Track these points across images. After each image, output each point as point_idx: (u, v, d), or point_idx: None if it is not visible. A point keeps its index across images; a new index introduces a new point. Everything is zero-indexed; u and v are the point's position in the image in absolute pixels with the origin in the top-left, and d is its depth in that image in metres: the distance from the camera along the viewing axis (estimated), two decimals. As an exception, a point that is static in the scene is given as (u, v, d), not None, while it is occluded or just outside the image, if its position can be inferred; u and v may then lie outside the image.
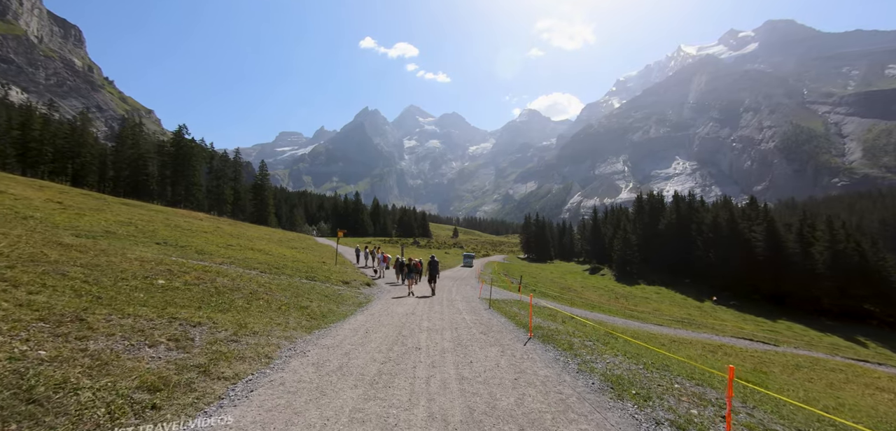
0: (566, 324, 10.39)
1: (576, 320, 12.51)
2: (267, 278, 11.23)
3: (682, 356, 10.34)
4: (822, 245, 44.81)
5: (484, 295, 16.40)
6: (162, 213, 31.28)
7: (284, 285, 10.69)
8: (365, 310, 9.73)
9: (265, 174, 79.99)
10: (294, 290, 10.18)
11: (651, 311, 32.56)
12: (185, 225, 26.01)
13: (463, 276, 28.28)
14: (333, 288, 13.05)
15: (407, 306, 11.09)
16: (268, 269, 13.58)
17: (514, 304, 13.81)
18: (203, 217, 41.74)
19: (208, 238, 20.72)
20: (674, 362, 6.81)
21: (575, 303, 24.33)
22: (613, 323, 18.76)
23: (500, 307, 12.46)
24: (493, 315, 10.73)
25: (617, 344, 7.77)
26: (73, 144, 58.53)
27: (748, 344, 20.41)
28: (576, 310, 20.45)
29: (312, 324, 6.95)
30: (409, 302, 12.45)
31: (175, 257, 12.16)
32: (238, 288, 8.21)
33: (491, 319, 9.80)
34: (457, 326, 8.32)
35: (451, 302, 13.38)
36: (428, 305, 11.71)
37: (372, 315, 9.08)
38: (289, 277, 13.10)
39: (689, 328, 23.51)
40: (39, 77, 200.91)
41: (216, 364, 3.89)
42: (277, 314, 7.13)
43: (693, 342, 16.87)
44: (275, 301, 8.08)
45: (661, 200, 66.30)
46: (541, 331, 8.01)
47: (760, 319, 40.09)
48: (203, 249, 15.39)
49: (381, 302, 11.62)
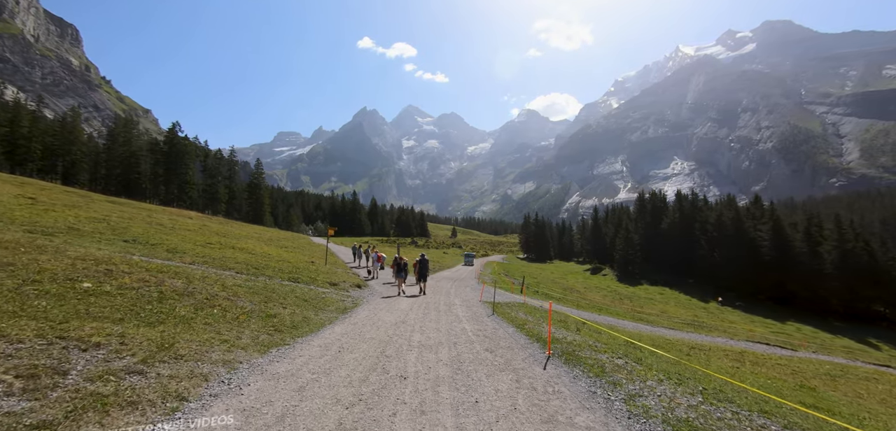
0: (582, 333, 9.00)
1: (589, 326, 11.15)
2: (239, 280, 9.81)
3: (714, 368, 8.97)
4: (830, 244, 43.66)
5: (486, 298, 14.98)
6: (147, 211, 29.79)
7: (257, 288, 9.26)
8: (348, 318, 8.27)
9: (260, 173, 78.46)
10: (267, 294, 8.75)
11: (658, 313, 31.26)
12: (168, 223, 24.54)
13: (462, 277, 26.87)
14: (317, 291, 11.63)
15: (397, 312, 9.68)
16: (245, 270, 12.16)
17: (519, 308, 12.42)
18: (193, 215, 40.22)
19: (188, 236, 19.24)
20: (730, 387, 5.44)
21: (582, 306, 22.97)
22: (624, 327, 17.40)
23: (504, 313, 10.98)
24: (498, 323, 9.31)
25: (652, 361, 6.39)
26: (62, 142, 57.01)
27: (766, 350, 19.09)
28: (584, 314, 19.08)
29: (274, 340, 5.50)
30: (401, 306, 10.97)
31: (137, 256, 10.74)
32: (191, 292, 6.79)
33: (496, 329, 8.42)
34: (455, 340, 6.93)
35: (450, 306, 11.95)
36: (422, 311, 10.29)
37: (354, 324, 7.65)
38: (267, 279, 11.69)
39: (702, 331, 22.19)
40: (36, 76, 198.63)
41: (75, 421, 2.47)
42: (231, 326, 5.70)
43: (711, 348, 15.52)
44: (235, 308, 6.66)
45: (663, 199, 65.11)
46: (559, 346, 6.60)
47: (769, 321, 38.88)
48: (176, 248, 13.94)
49: (369, 307, 10.15)
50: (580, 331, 9.30)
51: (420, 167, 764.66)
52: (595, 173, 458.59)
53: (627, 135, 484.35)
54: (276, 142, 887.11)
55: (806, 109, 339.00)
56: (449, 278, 24.88)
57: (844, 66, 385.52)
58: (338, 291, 12.71)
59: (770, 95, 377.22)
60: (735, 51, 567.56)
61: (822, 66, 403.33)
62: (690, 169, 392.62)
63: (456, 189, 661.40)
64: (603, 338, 9.21)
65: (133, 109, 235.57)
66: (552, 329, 8.80)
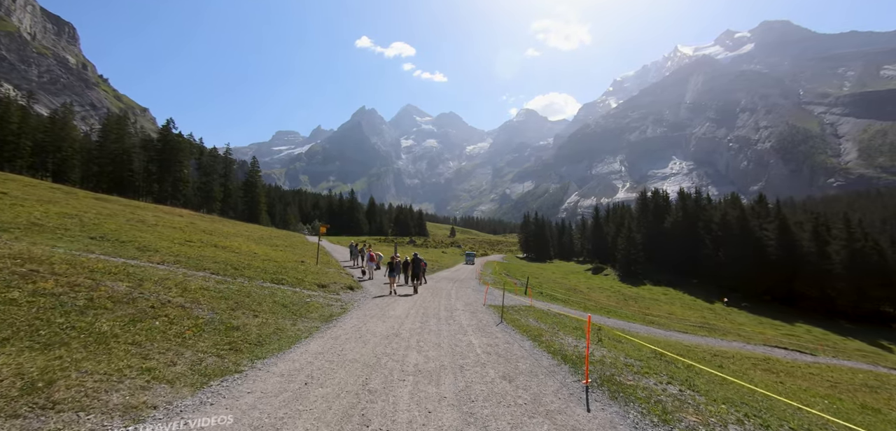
0: (604, 344, 7.75)
1: (605, 331, 9.92)
2: (209, 282, 8.52)
3: (759, 383, 7.74)
4: (838, 244, 42.61)
5: (490, 302, 13.70)
6: (133, 208, 28.41)
7: (228, 292, 7.98)
8: (331, 328, 6.98)
9: (256, 171, 77.05)
10: (237, 300, 7.47)
11: (666, 315, 30.09)
12: (152, 220, 23.18)
13: (462, 277, 25.59)
14: (302, 295, 10.34)
15: (391, 321, 8.37)
16: (222, 270, 10.86)
17: (528, 313, 11.15)
18: (184, 213, 38.84)
19: (168, 233, 17.89)
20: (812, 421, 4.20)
21: (589, 308, 21.74)
22: (636, 331, 16.18)
23: (514, 320, 9.62)
24: (509, 334, 7.97)
25: (709, 388, 5.13)
26: (53, 138, 55.46)
27: (787, 356, 17.92)
28: (593, 317, 17.85)
29: (223, 365, 4.19)
30: (395, 312, 9.65)
31: (96, 255, 9.44)
32: (133, 299, 5.51)
33: (509, 344, 7.05)
34: (462, 361, 5.61)
35: (452, 312, 10.63)
36: (420, 319, 8.96)
37: (336, 339, 6.34)
38: (247, 280, 10.40)
39: (715, 335, 21.01)
40: (32, 74, 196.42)
41: None
42: (169, 345, 4.40)
43: (734, 355, 14.32)
44: (187, 319, 5.37)
45: (665, 198, 64.02)
46: (596, 368, 5.28)
47: (777, 322, 37.80)
48: (148, 246, 12.62)
49: (358, 314, 8.84)
50: (602, 341, 8.04)
51: (419, 166, 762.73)
52: (593, 173, 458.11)
53: (626, 134, 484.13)
54: (274, 141, 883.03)
55: (804, 109, 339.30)
56: (449, 278, 23.61)
57: (842, 67, 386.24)
58: (326, 294, 11.42)
59: (768, 95, 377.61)
60: (733, 51, 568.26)
61: (820, 66, 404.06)
62: (689, 168, 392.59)
63: (454, 188, 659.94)
64: (626, 348, 7.97)
65: (131, 108, 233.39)
66: (573, 340, 7.52)
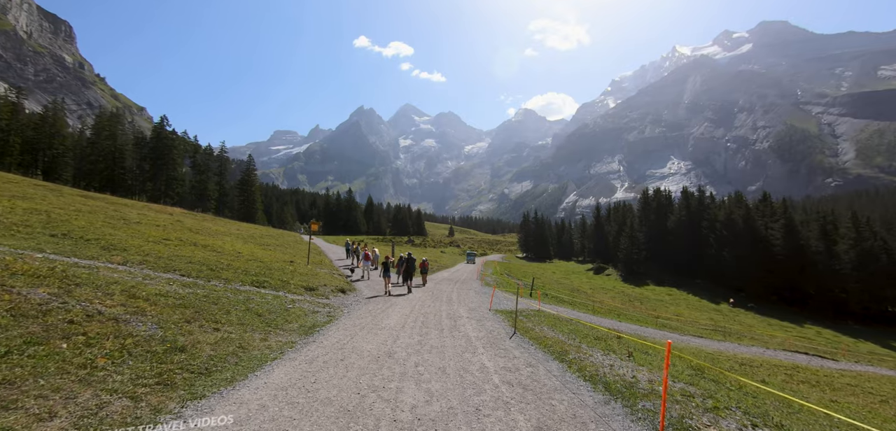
0: (638, 360, 6.52)
1: (626, 340, 8.72)
2: (172, 287, 7.27)
3: (815, 401, 6.54)
4: (846, 243, 41.67)
5: (497, 307, 12.46)
6: (118, 205, 27.03)
7: (192, 299, 6.73)
8: (307, 346, 5.76)
9: (252, 169, 75.54)
10: (201, 308, 6.22)
11: (674, 317, 28.97)
12: (135, 218, 21.84)
13: (463, 277, 24.37)
14: (284, 300, 9.10)
15: (383, 334, 7.06)
16: (194, 273, 9.59)
17: (540, 320, 9.91)
18: (174, 211, 37.44)
19: (146, 231, 16.56)
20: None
21: (598, 311, 20.55)
22: (652, 337, 14.99)
23: (530, 331, 8.22)
24: (529, 351, 6.60)
25: (790, 424, 3.93)
26: (43, 136, 53.86)
27: (809, 361, 16.79)
28: (603, 320, 16.66)
29: (134, 412, 2.84)
30: (389, 321, 8.41)
31: (46, 253, 8.19)
32: (50, 310, 4.26)
33: (533, 367, 5.60)
34: (477, 402, 4.17)
35: (455, 320, 9.32)
36: (419, 331, 7.60)
37: (311, 362, 5.03)
38: (222, 283, 9.15)
39: (731, 339, 19.87)
40: (28, 73, 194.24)
41: None
42: (65, 378, 3.09)
43: (760, 362, 13.17)
44: (117, 338, 4.11)
45: (668, 197, 63.00)
46: (655, 403, 3.99)
47: (786, 324, 36.78)
48: (116, 245, 11.32)
49: (345, 325, 7.57)
50: (633, 356, 6.82)
51: (417, 166, 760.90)
52: (592, 173, 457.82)
53: (624, 134, 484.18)
54: (272, 140, 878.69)
55: (802, 109, 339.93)
56: (450, 279, 22.38)
57: (840, 67, 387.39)
58: (313, 298, 10.16)
59: (766, 95, 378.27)
60: (731, 51, 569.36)
61: (817, 66, 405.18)
62: (687, 168, 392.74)
63: (453, 188, 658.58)
64: (658, 360, 6.76)
65: (128, 107, 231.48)
66: (598, 354, 6.26)
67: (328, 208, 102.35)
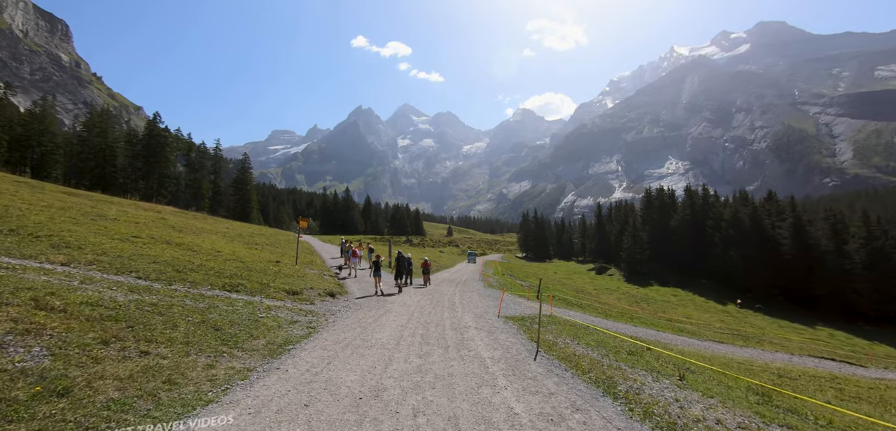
0: (695, 385, 5.18)
1: (663, 355, 7.39)
2: (113, 293, 5.90)
3: None
4: (857, 242, 40.58)
5: (506, 311, 11.08)
6: (99, 202, 25.54)
7: (133, 308, 5.38)
8: (263, 379, 4.38)
9: (247, 168, 73.88)
10: (138, 321, 4.87)
11: (684, 319, 27.71)
12: (113, 215, 20.36)
13: (464, 278, 23.01)
14: (259, 306, 7.72)
15: (371, 355, 5.59)
16: (154, 275, 8.21)
17: (562, 331, 8.54)
18: (163, 210, 35.96)
19: (118, 229, 15.10)
20: None
21: (609, 314, 19.23)
22: (673, 344, 13.69)
23: (554, 346, 6.79)
24: (565, 380, 5.06)
25: None
26: (32, 132, 52.14)
27: (839, 368, 15.54)
28: (619, 326, 15.33)
29: None
30: (382, 336, 6.95)
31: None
32: None
33: (585, 413, 4.10)
34: None
35: (462, 333, 7.78)
36: (418, 349, 6.11)
37: (256, 414, 3.54)
38: (185, 288, 7.77)
39: (752, 344, 18.60)
40: (24, 71, 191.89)
41: None
42: None
43: (797, 373, 11.89)
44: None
45: (671, 195, 61.89)
46: None
47: (797, 325, 35.65)
48: (71, 243, 9.92)
49: (326, 342, 6.22)
50: (685, 380, 5.46)
51: (415, 166, 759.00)
52: (590, 172, 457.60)
53: (622, 134, 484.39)
54: (270, 140, 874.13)
55: (799, 110, 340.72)
56: (450, 280, 21.02)
57: (837, 67, 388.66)
58: (294, 305, 8.78)
59: (764, 96, 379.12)
60: (729, 51, 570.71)
61: (815, 66, 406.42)
62: (685, 168, 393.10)
63: (451, 188, 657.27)
64: (717, 388, 5.39)
65: (124, 106, 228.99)
66: (648, 380, 4.90)
67: (325, 208, 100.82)
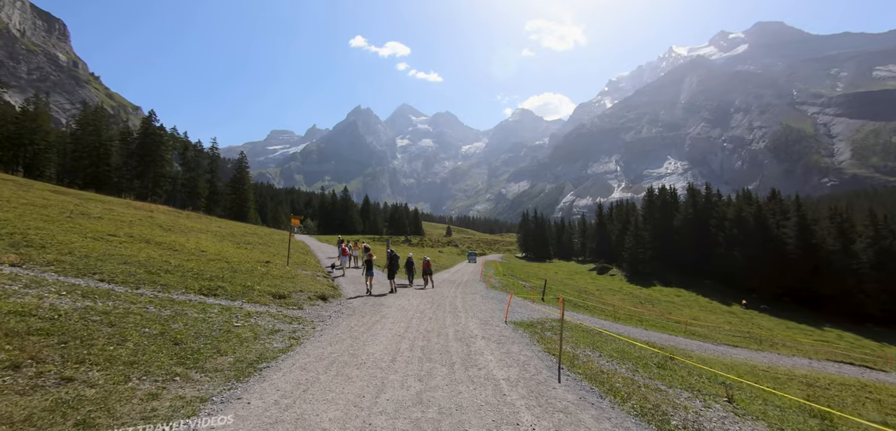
0: (747, 408, 4.31)
1: (687, 366, 6.54)
2: (59, 300, 5.00)
3: None
4: (864, 241, 39.89)
5: (513, 317, 10.20)
6: (85, 200, 24.57)
7: (74, 320, 4.53)
8: (219, 415, 3.39)
9: (244, 168, 72.84)
10: (76, 336, 4.03)
11: (691, 321, 26.91)
12: (96, 212, 19.40)
13: (465, 279, 22.15)
14: (237, 313, 6.84)
15: (359, 380, 4.55)
16: (122, 278, 7.31)
17: (580, 339, 7.65)
18: (154, 208, 35.02)
19: (94, 227, 14.16)
20: None
21: (619, 318, 18.38)
22: (689, 350, 12.85)
23: (578, 363, 5.85)
24: (602, 410, 4.24)
25: None
26: (23, 131, 51.05)
27: (861, 373, 14.72)
28: (631, 329, 14.46)
29: None
30: (373, 349, 5.94)
31: None
32: None
33: None
34: None
35: (468, 344, 6.68)
36: (417, 372, 4.99)
37: None
38: (153, 292, 6.87)
39: (766, 347, 17.77)
40: (21, 71, 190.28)
41: None
42: None
43: (827, 381, 11.06)
44: None
45: (673, 194, 61.19)
46: None
47: (804, 326, 34.90)
48: (35, 241, 9.00)
49: (307, 359, 5.25)
50: (734, 401, 4.60)
51: (414, 166, 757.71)
52: (589, 173, 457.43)
53: (621, 134, 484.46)
54: (269, 140, 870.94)
55: (798, 110, 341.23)
56: (451, 281, 20.15)
57: (835, 67, 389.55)
58: (278, 311, 7.89)
59: (762, 96, 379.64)
60: (728, 52, 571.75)
61: (813, 67, 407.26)
62: (684, 168, 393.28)
63: (450, 188, 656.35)
64: (760, 402, 4.53)
65: (122, 106, 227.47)
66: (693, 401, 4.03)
67: (324, 207, 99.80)
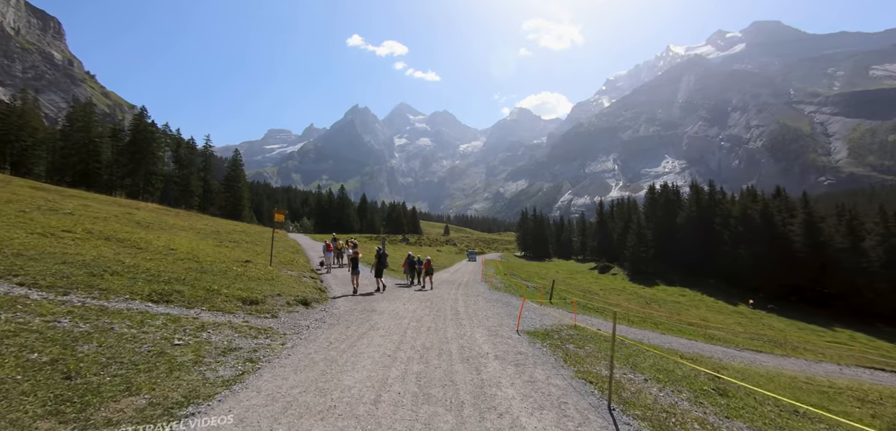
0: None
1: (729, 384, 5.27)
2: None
3: None
4: (874, 239, 38.89)
5: (525, 326, 8.87)
6: (63, 196, 23.11)
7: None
8: None
9: (238, 165, 71.16)
10: None
11: (701, 322, 25.74)
12: (68, 208, 17.98)
13: (466, 279, 20.87)
14: (187, 325, 5.51)
15: (332, 424, 3.08)
16: (50, 281, 5.96)
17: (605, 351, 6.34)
18: (140, 206, 33.50)
19: (60, 222, 12.76)
20: None
21: (632, 321, 17.15)
22: (712, 357, 11.60)
23: (625, 392, 4.56)
24: None
25: None
26: (11, 127, 49.29)
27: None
28: (648, 334, 13.20)
29: None
30: (353, 378, 4.39)
31: None
32: None
33: None
34: None
35: (477, 366, 5.27)
36: (411, 415, 3.53)
37: None
38: (79, 299, 5.59)
39: (787, 351, 16.59)
40: (16, 69, 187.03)
41: None
42: None
43: (877, 393, 9.83)
44: None
45: (676, 192, 60.12)
46: None
47: (814, 327, 33.84)
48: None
49: (256, 398, 3.70)
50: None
51: (412, 165, 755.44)
52: (587, 171, 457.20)
53: (619, 133, 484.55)
54: (266, 139, 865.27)
55: (795, 109, 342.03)
56: (451, 281, 18.85)
57: (832, 67, 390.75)
58: (243, 321, 6.55)
59: (759, 95, 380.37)
60: (725, 51, 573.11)
61: (810, 66, 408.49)
62: (681, 167, 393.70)
63: (448, 187, 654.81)
64: None
65: (118, 105, 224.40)
66: None
67: (320, 206, 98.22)
